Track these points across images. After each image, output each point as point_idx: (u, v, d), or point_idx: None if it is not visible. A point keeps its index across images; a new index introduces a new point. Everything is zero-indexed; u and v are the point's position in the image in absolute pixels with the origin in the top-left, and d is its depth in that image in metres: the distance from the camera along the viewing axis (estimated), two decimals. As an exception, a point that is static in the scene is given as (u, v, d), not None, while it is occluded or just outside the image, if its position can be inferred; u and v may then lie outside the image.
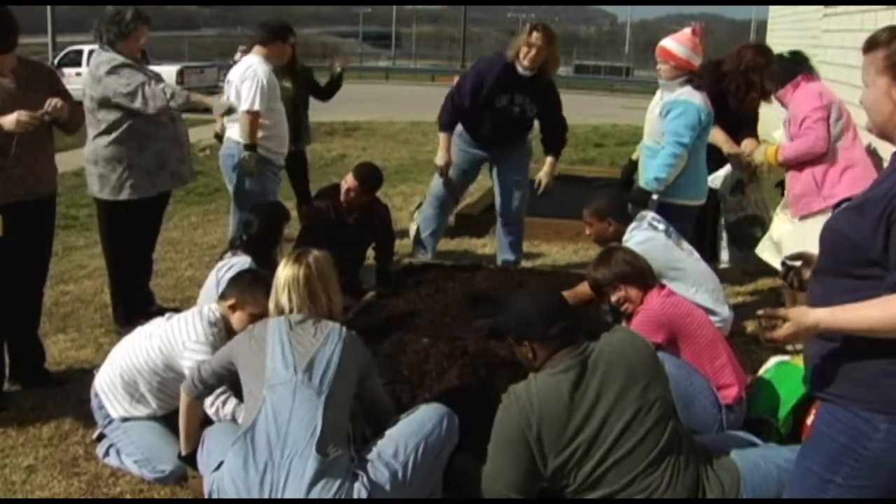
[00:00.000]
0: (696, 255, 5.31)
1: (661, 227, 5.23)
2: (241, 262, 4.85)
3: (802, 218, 5.45)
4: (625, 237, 5.11)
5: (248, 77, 6.08)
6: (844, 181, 5.24)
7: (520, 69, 6.35)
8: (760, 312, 2.59)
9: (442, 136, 6.71)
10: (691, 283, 5.01)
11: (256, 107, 6.03)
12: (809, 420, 4.02)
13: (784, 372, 4.43)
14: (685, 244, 5.28)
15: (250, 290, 4.02)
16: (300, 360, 3.30)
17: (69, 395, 4.82)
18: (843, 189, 5.21)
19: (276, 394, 3.23)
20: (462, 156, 6.78)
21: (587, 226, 5.29)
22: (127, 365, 4.01)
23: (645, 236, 5.04)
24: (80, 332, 5.84)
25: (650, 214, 5.33)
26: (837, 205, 5.11)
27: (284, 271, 3.58)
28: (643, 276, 4.34)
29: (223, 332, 3.97)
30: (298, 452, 3.12)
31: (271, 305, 3.62)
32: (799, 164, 5.39)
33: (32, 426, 4.47)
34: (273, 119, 6.26)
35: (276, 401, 3.21)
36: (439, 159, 6.70)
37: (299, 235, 6.18)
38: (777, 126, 5.97)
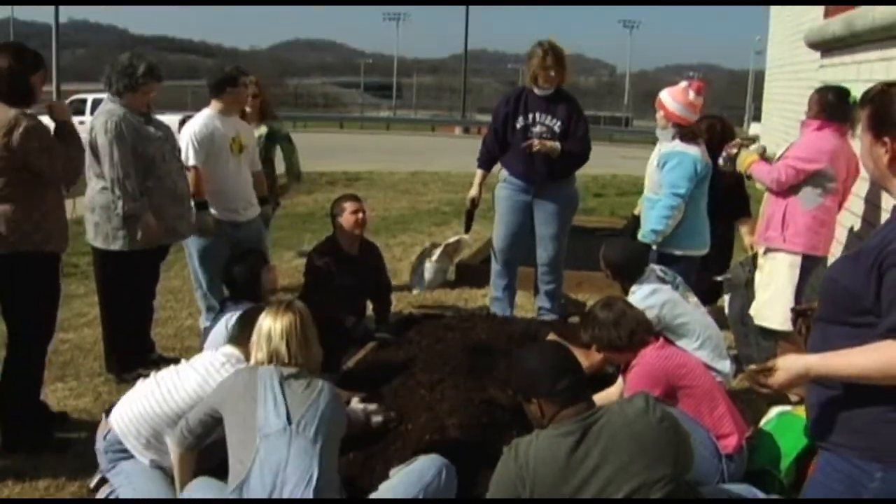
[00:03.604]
0: (702, 308, 5.31)
1: (669, 278, 5.24)
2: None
3: (768, 251, 5.55)
4: (631, 289, 5.12)
5: (184, 135, 6.08)
6: (807, 236, 5.34)
7: (538, 91, 6.47)
8: (752, 367, 2.63)
9: (477, 172, 6.93)
10: (695, 337, 5.00)
11: (190, 163, 5.98)
12: (811, 471, 4.00)
13: (785, 423, 4.41)
14: (692, 297, 5.29)
15: None
16: (294, 411, 3.29)
17: (66, 444, 4.79)
18: (802, 242, 5.35)
19: (269, 443, 3.22)
20: (504, 204, 6.78)
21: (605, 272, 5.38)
22: (153, 411, 3.92)
23: (651, 290, 5.04)
24: (79, 381, 5.82)
25: (658, 267, 5.34)
26: (805, 260, 5.35)
27: (279, 321, 3.57)
28: (631, 339, 4.24)
29: None
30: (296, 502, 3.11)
31: (262, 355, 3.57)
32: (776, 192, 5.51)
33: (28, 475, 4.43)
34: (212, 174, 6.12)
35: (269, 450, 3.20)
36: (470, 193, 6.93)
37: (304, 293, 6.16)
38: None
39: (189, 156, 6.00)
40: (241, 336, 4.10)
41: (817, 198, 5.31)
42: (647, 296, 4.97)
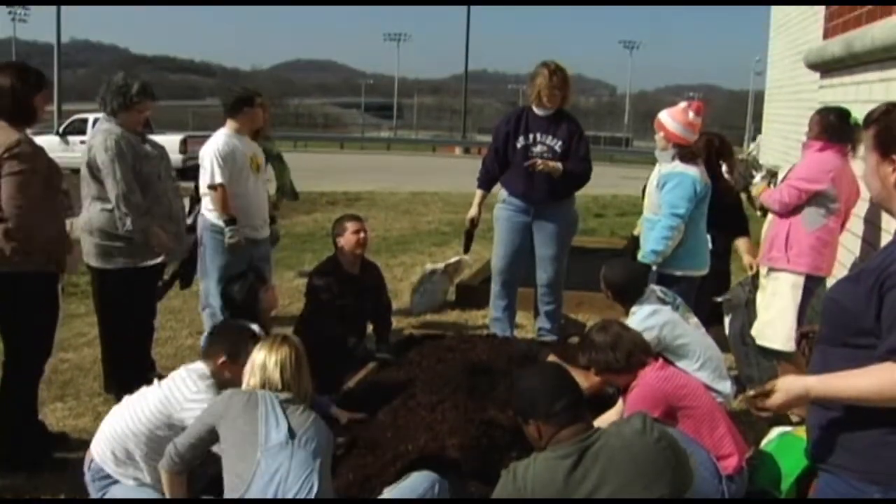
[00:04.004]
0: (703, 328, 5.31)
1: (669, 299, 5.24)
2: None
3: (771, 271, 5.54)
4: (632, 310, 5.12)
5: (206, 154, 6.15)
6: (811, 256, 5.34)
7: (539, 111, 6.51)
8: (750, 393, 2.63)
9: (477, 192, 6.93)
10: (695, 358, 5.00)
11: (216, 180, 6.06)
12: (812, 492, 3.99)
13: (786, 443, 4.40)
14: (692, 318, 5.28)
15: (238, 342, 4.04)
16: (296, 427, 3.36)
17: (66, 463, 4.78)
18: (806, 262, 5.34)
19: (271, 455, 3.27)
20: (503, 225, 6.80)
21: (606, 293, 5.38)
22: (122, 430, 3.96)
23: (651, 310, 5.04)
24: (79, 401, 5.82)
25: (658, 288, 5.35)
26: (808, 280, 5.34)
27: (274, 353, 3.60)
28: (629, 361, 4.22)
29: (215, 385, 3.98)
30: None
31: (255, 381, 3.60)
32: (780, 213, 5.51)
33: (28, 494, 4.43)
34: (235, 192, 6.18)
35: (271, 462, 3.25)
36: (470, 213, 6.94)
37: (305, 313, 6.17)
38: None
39: (215, 174, 6.06)
40: (209, 349, 4.15)
41: (820, 218, 5.31)
42: (647, 317, 4.97)
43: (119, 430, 3.96)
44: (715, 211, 5.96)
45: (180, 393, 3.92)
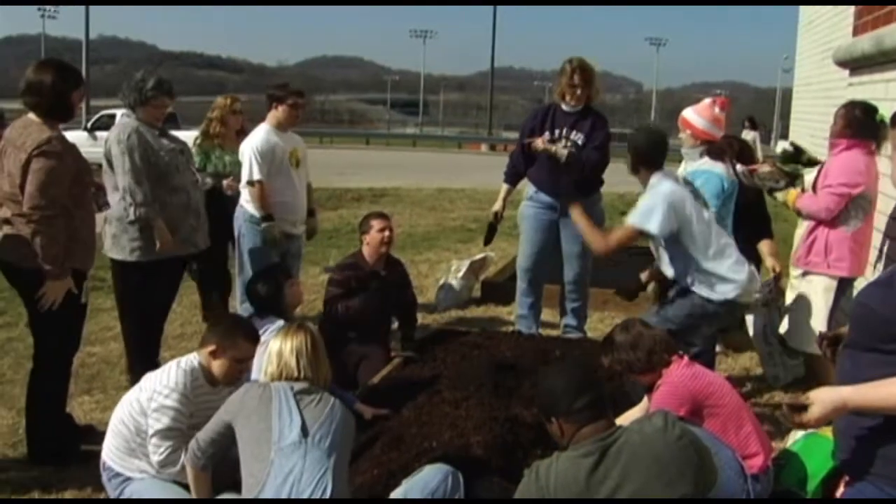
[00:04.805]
0: (716, 224, 5.19)
1: (689, 187, 5.16)
2: (276, 324, 4.91)
3: (805, 274, 5.49)
4: (651, 181, 5.04)
5: (245, 150, 6.34)
6: (850, 259, 5.29)
7: (566, 107, 6.54)
8: (784, 400, 2.59)
9: (503, 186, 6.97)
10: (711, 243, 4.90)
11: (255, 177, 6.25)
12: (839, 493, 3.96)
13: (813, 443, 4.35)
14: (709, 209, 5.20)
15: (231, 335, 4.04)
16: (309, 424, 3.36)
17: (92, 456, 4.81)
18: (846, 266, 5.29)
19: (284, 455, 3.27)
20: (529, 223, 6.80)
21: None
22: (118, 421, 4.01)
23: (671, 187, 4.94)
24: (106, 394, 5.86)
25: (682, 173, 5.28)
26: (841, 282, 5.29)
27: (290, 340, 3.63)
28: (650, 360, 4.16)
29: (199, 380, 3.99)
30: None
31: (273, 369, 3.62)
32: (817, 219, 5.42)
33: (55, 487, 4.48)
34: (275, 187, 6.37)
35: (284, 462, 3.26)
36: (494, 206, 7.00)
37: (328, 310, 6.18)
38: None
39: (253, 171, 6.26)
40: (203, 338, 4.14)
41: (858, 221, 5.26)
42: (674, 188, 4.91)
43: (116, 422, 4.02)
44: (736, 214, 5.90)
45: (154, 384, 3.94)
